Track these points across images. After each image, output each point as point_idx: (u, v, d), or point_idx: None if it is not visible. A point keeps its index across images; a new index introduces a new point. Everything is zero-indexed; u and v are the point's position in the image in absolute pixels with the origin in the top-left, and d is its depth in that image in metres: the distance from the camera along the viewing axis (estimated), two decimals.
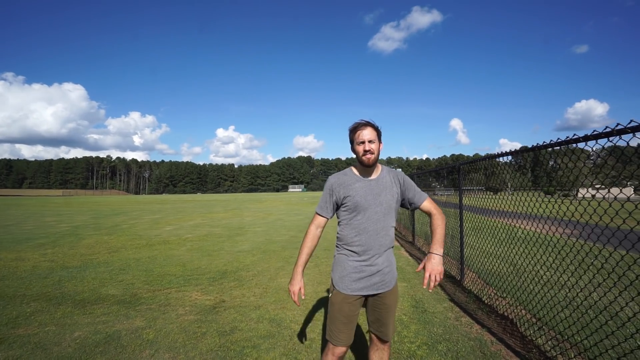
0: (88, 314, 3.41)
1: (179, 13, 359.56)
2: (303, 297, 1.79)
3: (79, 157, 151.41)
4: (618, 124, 1.77)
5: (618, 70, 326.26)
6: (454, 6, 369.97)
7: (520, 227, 2.78)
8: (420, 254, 6.56)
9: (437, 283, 1.61)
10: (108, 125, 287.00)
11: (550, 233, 2.77)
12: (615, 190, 2.08)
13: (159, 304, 3.73)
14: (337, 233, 1.80)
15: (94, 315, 3.36)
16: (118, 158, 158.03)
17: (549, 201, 2.89)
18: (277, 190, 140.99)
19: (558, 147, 2.34)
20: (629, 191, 2.10)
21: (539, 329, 2.74)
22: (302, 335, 2.94)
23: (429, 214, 1.81)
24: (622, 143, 1.83)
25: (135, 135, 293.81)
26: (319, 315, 3.40)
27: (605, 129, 1.86)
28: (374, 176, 1.76)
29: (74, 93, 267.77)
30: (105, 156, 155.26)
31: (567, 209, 2.41)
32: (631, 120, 1.71)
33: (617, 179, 2.09)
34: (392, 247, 1.80)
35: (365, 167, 1.74)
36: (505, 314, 3.19)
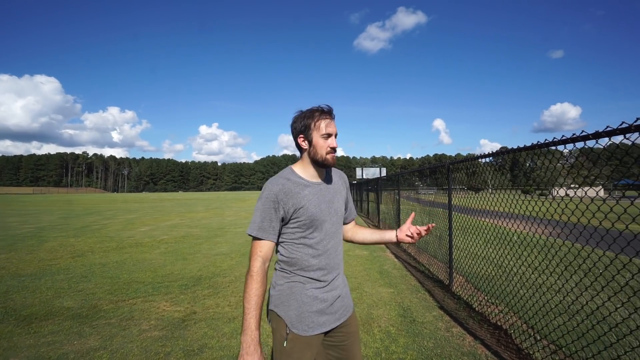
0: (33, 333, 2.96)
1: (164, 10, 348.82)
2: None
3: (52, 153, 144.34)
4: (583, 131, 1.96)
5: (590, 75, 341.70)
6: (438, 8, 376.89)
7: (506, 227, 2.58)
8: (406, 256, 6.37)
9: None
10: (84, 120, 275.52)
11: (537, 233, 2.58)
12: (585, 189, 2.12)
13: (121, 318, 3.33)
14: (282, 255, 1.32)
15: (39, 335, 2.92)
16: (95, 154, 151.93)
17: (528, 201, 2.71)
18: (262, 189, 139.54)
19: (560, 146, 2.18)
20: (594, 191, 2.11)
21: (536, 342, 2.55)
22: None
23: (351, 231, 1.57)
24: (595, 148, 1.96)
25: (114, 131, 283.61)
26: None
27: (572, 134, 1.88)
28: (321, 178, 1.37)
29: (47, 86, 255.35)
30: (81, 152, 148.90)
31: (547, 208, 2.22)
32: (596, 130, 1.85)
33: (589, 179, 2.15)
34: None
35: (320, 168, 1.35)
36: (499, 323, 2.99)
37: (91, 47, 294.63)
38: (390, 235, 1.48)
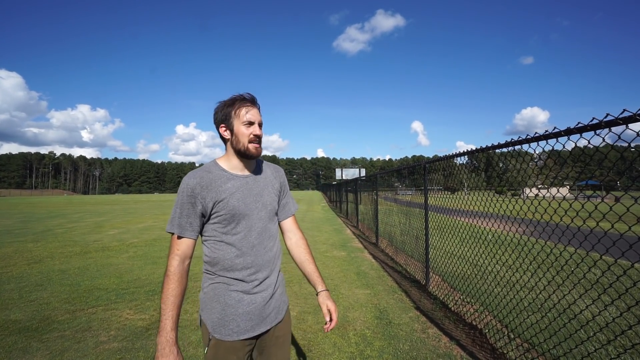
0: None
1: (139, 5, 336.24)
2: None
3: (13, 152, 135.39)
4: (555, 127, 1.93)
5: (557, 81, 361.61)
6: (416, 12, 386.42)
7: (481, 226, 2.57)
8: (384, 256, 6.35)
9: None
10: (51, 119, 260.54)
11: (510, 232, 2.59)
12: (554, 190, 2.10)
13: (76, 330, 3.05)
14: (206, 255, 1.24)
15: None
16: (63, 154, 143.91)
17: (502, 200, 2.72)
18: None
19: (526, 145, 2.18)
20: (565, 190, 2.17)
21: (510, 341, 2.54)
22: None
23: (289, 233, 1.43)
24: (561, 146, 2.00)
25: (84, 130, 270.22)
26: None
27: (554, 129, 1.88)
28: (248, 170, 1.29)
29: (7, 81, 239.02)
30: (47, 152, 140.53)
31: (523, 207, 2.22)
32: (567, 127, 1.87)
33: (556, 180, 2.14)
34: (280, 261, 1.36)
35: (246, 160, 1.26)
36: (474, 322, 2.98)
37: (58, 41, 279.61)
38: (317, 286, 1.36)
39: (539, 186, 2.67)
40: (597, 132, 1.68)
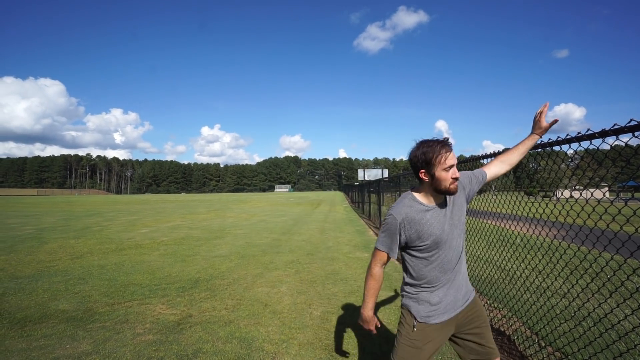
0: (25, 336, 2.91)
1: (165, 10, 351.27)
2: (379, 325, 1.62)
3: (55, 155, 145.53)
4: (588, 129, 1.85)
5: (596, 75, 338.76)
6: (440, 7, 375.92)
7: (509, 229, 2.50)
8: None
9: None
10: (87, 122, 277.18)
11: (540, 235, 2.50)
12: (590, 192, 2.05)
13: (115, 321, 3.27)
14: (410, 274, 1.51)
15: (32, 339, 2.86)
16: (99, 156, 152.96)
17: (532, 202, 2.62)
18: (264, 191, 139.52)
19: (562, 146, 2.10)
20: (600, 193, 2.07)
21: (541, 349, 2.46)
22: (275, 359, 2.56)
23: (494, 167, 1.69)
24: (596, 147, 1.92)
25: (117, 132, 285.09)
26: (296, 332, 3.03)
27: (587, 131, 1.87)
28: (442, 199, 1.49)
29: (51, 89, 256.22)
30: (84, 154, 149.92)
31: (549, 210, 2.14)
32: (602, 129, 1.78)
33: (594, 181, 2.16)
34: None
35: (445, 195, 1.46)
36: (502, 328, 2.90)
37: (96, 49, 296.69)
38: (530, 139, 1.67)
39: (572, 188, 2.57)
40: (636, 134, 1.61)
